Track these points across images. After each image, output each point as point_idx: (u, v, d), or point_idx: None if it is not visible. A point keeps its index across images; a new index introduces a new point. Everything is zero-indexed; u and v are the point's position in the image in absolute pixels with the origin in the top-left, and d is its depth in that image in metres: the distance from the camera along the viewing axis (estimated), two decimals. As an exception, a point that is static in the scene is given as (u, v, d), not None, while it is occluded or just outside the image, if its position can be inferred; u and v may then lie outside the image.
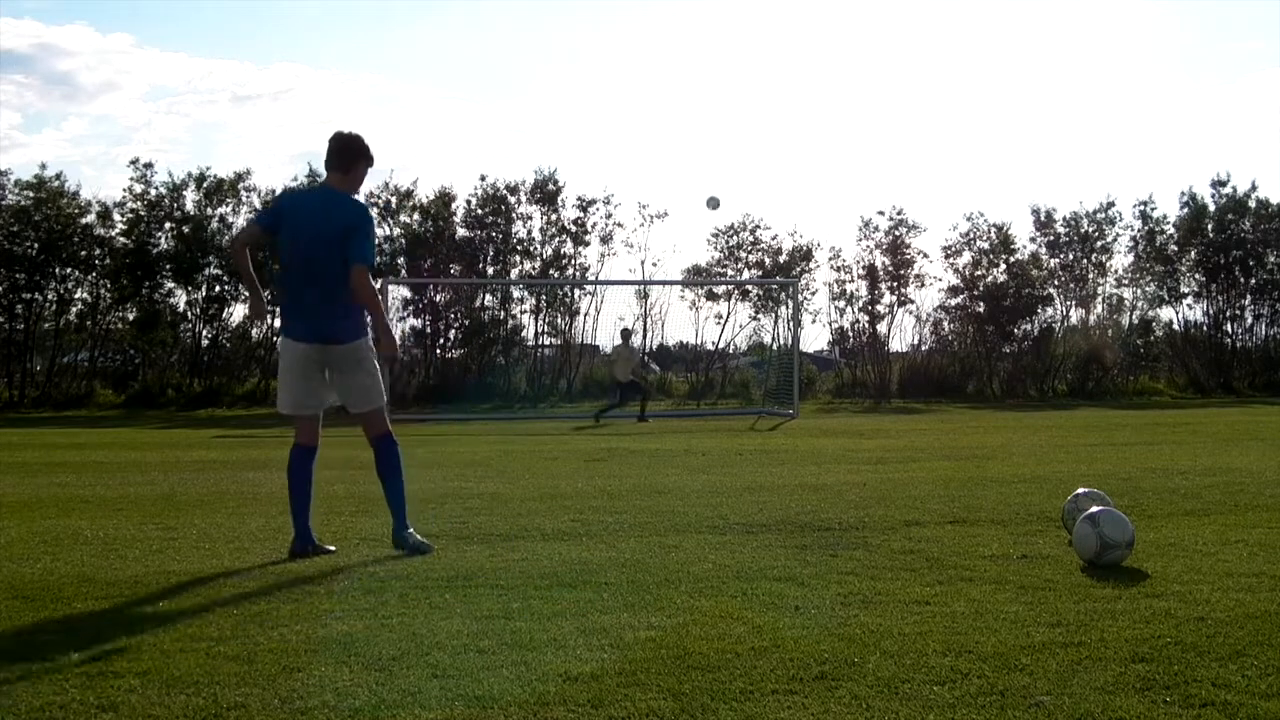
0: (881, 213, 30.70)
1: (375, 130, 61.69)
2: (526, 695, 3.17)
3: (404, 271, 27.98)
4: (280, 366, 5.69)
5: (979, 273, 30.67)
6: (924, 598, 4.38)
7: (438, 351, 29.41)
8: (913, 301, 30.92)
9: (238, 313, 29.35)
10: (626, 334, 21.71)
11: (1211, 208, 32.14)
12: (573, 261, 29.78)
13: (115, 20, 67.64)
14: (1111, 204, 31.53)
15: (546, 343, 30.52)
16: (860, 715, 3.01)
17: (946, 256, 30.71)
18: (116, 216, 28.22)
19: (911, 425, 17.98)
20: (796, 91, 71.83)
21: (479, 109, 69.74)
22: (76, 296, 28.90)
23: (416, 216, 28.93)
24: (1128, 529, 4.97)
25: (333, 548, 5.63)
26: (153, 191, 28.21)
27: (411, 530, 5.66)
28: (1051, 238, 31.42)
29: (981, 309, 30.40)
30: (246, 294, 5.73)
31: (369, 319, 5.66)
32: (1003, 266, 30.66)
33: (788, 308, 25.72)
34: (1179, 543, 5.58)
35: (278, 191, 28.61)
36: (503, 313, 29.28)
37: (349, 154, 5.65)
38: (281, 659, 3.57)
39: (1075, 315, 32.14)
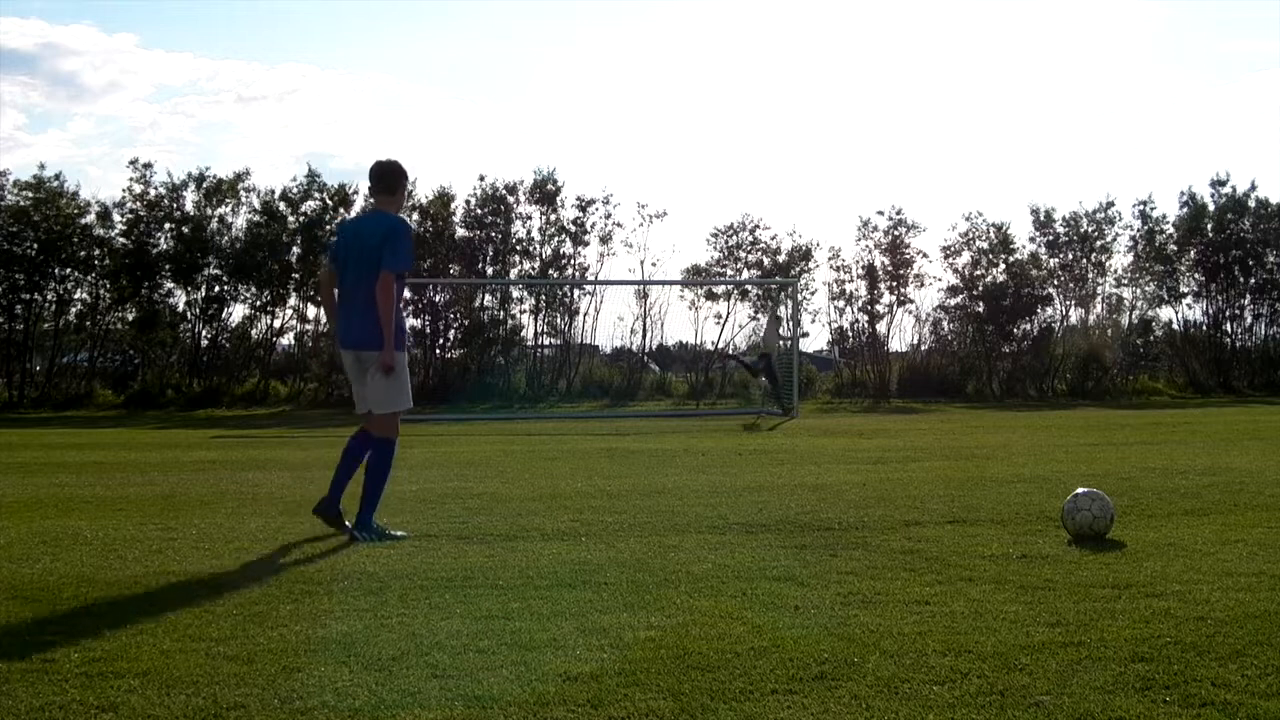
0: (881, 212, 30.69)
1: (376, 130, 61.72)
2: (526, 695, 3.17)
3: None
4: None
5: (978, 272, 30.66)
6: (924, 598, 4.38)
7: (437, 351, 29.42)
8: (912, 301, 30.95)
9: (237, 313, 29.39)
10: None
11: (1211, 207, 32.13)
12: (572, 261, 29.80)
13: (120, 20, 67.56)
14: (1111, 204, 31.53)
15: (546, 343, 30.56)
16: (860, 715, 3.01)
17: (946, 256, 30.72)
18: (116, 217, 28.22)
19: (911, 425, 17.98)
20: (795, 91, 71.86)
21: (478, 109, 69.77)
22: (76, 297, 28.89)
23: (415, 216, 28.92)
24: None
25: (402, 533, 6.15)
26: (152, 192, 28.21)
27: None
28: (1051, 237, 31.40)
29: (981, 309, 30.40)
30: None
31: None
32: (1002, 266, 30.65)
33: (787, 308, 25.73)
34: (1179, 542, 5.58)
35: (277, 192, 28.69)
36: (502, 313, 29.30)
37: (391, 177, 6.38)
38: (281, 659, 3.57)
39: (1075, 315, 32.15)
